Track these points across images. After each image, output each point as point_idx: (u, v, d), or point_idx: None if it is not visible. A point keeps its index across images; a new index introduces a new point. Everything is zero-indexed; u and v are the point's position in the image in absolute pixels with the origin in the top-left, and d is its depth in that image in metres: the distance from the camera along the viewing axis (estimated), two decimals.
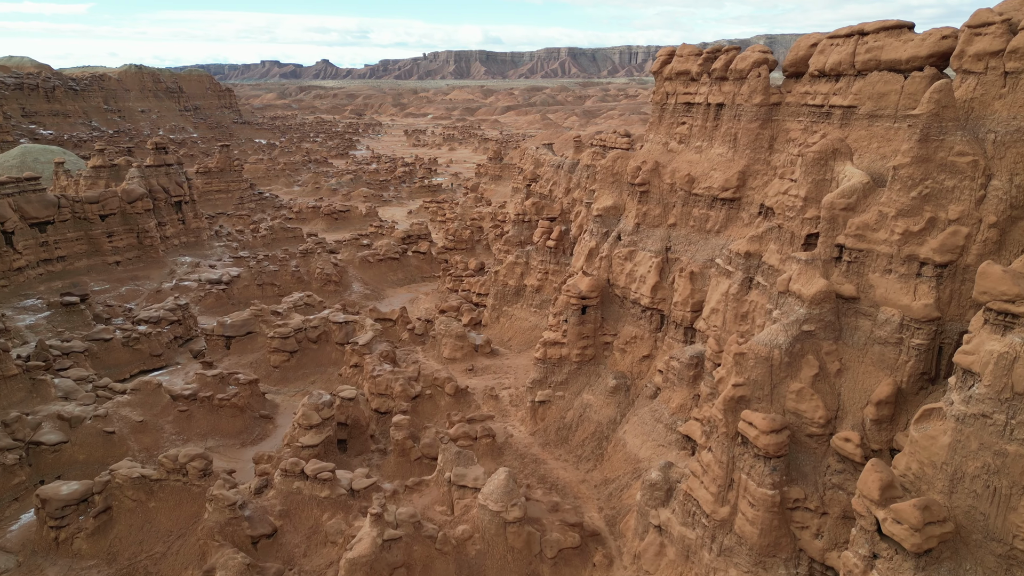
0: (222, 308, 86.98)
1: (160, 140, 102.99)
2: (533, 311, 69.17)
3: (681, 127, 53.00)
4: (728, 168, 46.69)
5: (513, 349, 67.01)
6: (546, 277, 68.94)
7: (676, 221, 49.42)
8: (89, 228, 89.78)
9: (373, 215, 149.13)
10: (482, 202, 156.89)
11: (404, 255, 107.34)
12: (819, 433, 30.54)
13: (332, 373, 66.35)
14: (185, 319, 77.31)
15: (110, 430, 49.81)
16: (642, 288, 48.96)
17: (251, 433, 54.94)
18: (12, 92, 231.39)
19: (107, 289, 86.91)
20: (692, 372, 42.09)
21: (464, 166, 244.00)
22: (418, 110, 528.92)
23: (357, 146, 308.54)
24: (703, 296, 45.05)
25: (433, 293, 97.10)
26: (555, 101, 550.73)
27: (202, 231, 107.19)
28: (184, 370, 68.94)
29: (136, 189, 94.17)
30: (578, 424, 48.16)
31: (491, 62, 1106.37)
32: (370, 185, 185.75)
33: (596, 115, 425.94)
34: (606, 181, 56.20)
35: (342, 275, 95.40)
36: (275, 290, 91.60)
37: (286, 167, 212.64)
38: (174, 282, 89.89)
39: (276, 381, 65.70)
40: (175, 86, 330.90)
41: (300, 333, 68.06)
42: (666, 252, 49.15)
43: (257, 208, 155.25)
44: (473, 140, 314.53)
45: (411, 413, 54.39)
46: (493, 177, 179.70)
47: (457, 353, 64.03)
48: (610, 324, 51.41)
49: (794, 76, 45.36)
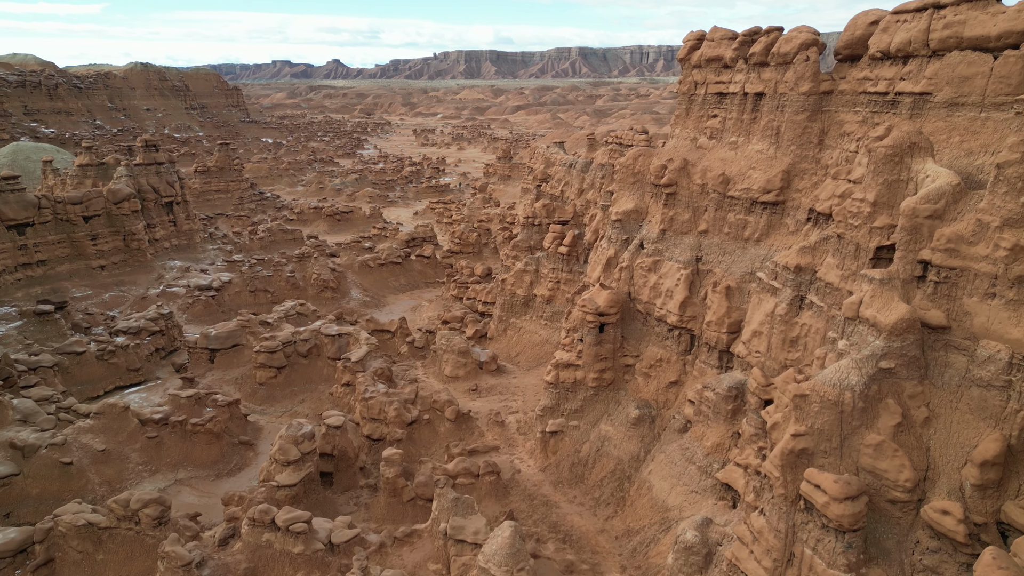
0: (211, 316, 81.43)
1: (150, 138, 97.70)
2: (543, 324, 63.13)
3: (712, 120, 46.82)
4: (769, 167, 40.50)
5: (521, 366, 61.01)
6: (558, 286, 62.90)
7: (708, 227, 43.24)
8: (72, 230, 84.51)
9: (377, 216, 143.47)
10: (490, 203, 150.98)
11: (407, 259, 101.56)
12: (904, 499, 24.36)
13: (323, 391, 60.59)
14: (169, 329, 71.78)
15: (67, 461, 44.19)
16: (668, 304, 42.83)
17: (228, 463, 49.19)
18: (14, 90, 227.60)
19: (89, 296, 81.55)
20: (730, 406, 35.94)
21: (473, 166, 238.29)
22: (428, 109, 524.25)
23: (365, 145, 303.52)
24: (742, 315, 38.88)
25: (437, 300, 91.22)
26: (566, 100, 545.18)
27: (195, 233, 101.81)
28: (164, 386, 63.35)
29: (123, 189, 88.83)
30: (595, 460, 42.07)
31: (502, 62, 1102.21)
32: (376, 185, 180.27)
33: (607, 114, 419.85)
34: (626, 182, 50.10)
35: (340, 281, 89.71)
36: (269, 297, 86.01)
37: (290, 166, 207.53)
38: (161, 288, 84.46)
39: (261, 400, 59.99)
40: (181, 84, 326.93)
41: (289, 347, 62.33)
42: (696, 263, 42.98)
43: (257, 209, 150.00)
44: (482, 139, 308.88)
45: (407, 441, 48.52)
46: (502, 177, 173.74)
47: (460, 371, 58.11)
48: (631, 344, 45.28)
49: (849, 60, 39.12)
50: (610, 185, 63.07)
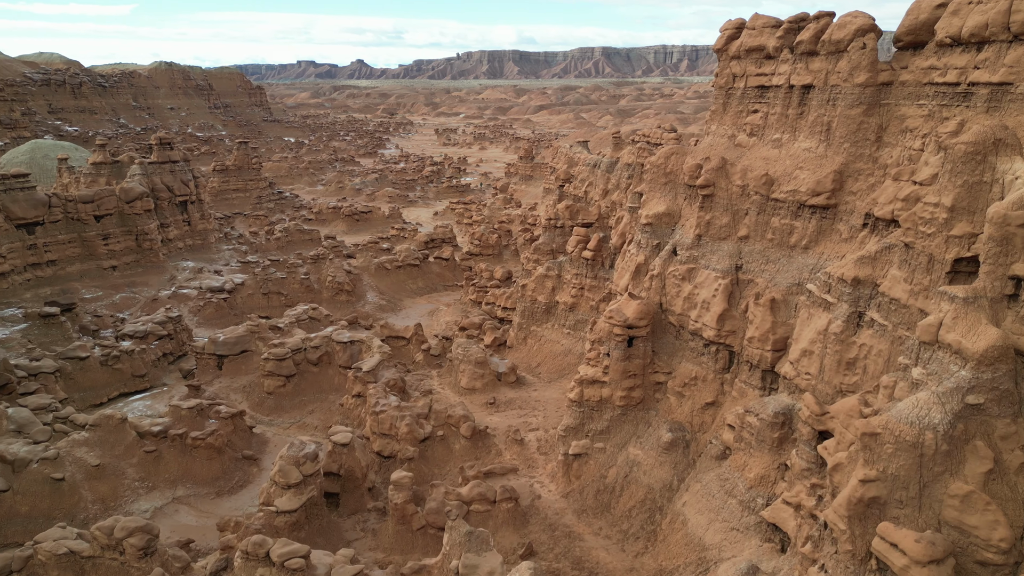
0: (223, 319, 78.99)
1: (165, 135, 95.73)
2: (566, 333, 59.58)
3: (753, 116, 42.96)
4: (819, 166, 36.61)
5: (542, 378, 57.51)
6: (581, 293, 59.30)
7: (749, 233, 39.43)
8: (83, 230, 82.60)
9: (396, 216, 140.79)
10: (511, 203, 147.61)
11: (425, 261, 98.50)
12: (998, 562, 20.51)
13: (334, 401, 57.61)
14: (177, 333, 69.34)
15: (59, 476, 41.55)
16: (705, 317, 39.09)
17: (230, 479, 46.31)
18: (39, 88, 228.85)
19: (99, 297, 79.49)
20: (776, 433, 32.14)
21: (494, 166, 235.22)
22: (450, 109, 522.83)
23: (386, 145, 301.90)
24: (788, 332, 35.04)
25: (455, 304, 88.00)
26: (589, 100, 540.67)
27: (209, 233, 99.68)
28: (169, 393, 60.80)
29: (135, 188, 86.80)
30: (623, 487, 38.45)
31: (524, 62, 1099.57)
32: (396, 185, 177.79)
33: (631, 114, 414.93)
34: (657, 182, 46.40)
35: (356, 283, 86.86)
36: (282, 300, 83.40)
37: (310, 165, 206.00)
38: (172, 290, 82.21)
39: (269, 410, 57.15)
40: (205, 83, 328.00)
41: (299, 354, 59.45)
42: (736, 272, 39.19)
43: (276, 208, 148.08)
44: (504, 139, 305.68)
45: (419, 459, 45.28)
46: (524, 177, 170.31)
47: (477, 382, 54.77)
48: (663, 360, 41.58)
49: (911, 47, 35.13)
50: (638, 186, 59.34)
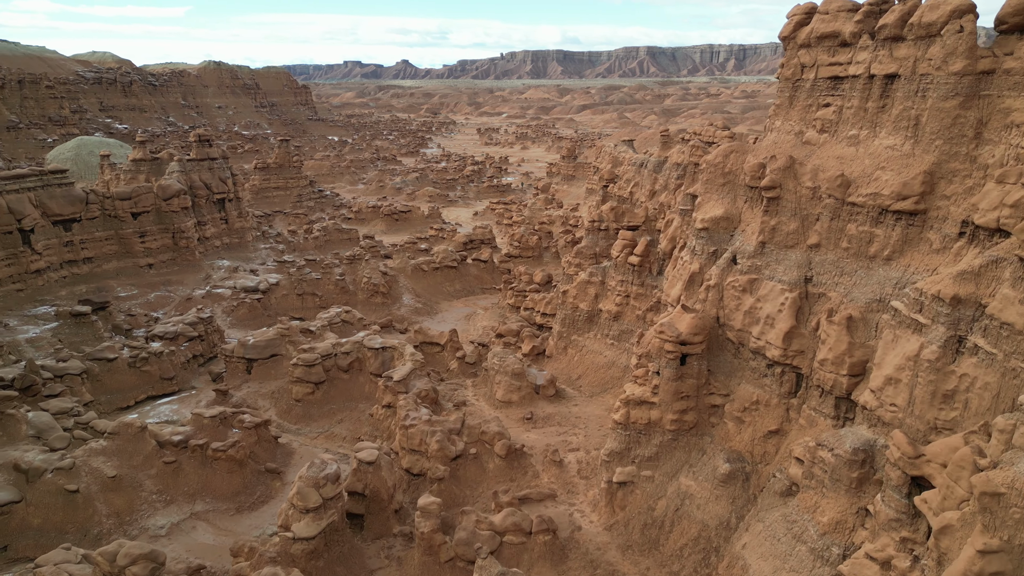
0: (256, 320, 77.27)
1: (204, 132, 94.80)
2: (609, 343, 55.73)
3: (824, 110, 38.58)
4: (905, 166, 32.18)
5: (583, 391, 53.80)
6: (627, 301, 55.39)
7: (820, 241, 35.13)
8: (120, 227, 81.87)
9: (436, 216, 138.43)
10: (552, 204, 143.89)
11: (463, 263, 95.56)
12: None
13: (363, 410, 54.90)
14: (208, 334, 67.64)
15: (73, 488, 39.55)
16: (768, 334, 34.95)
17: (251, 494, 43.82)
18: (91, 86, 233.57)
19: (134, 295, 78.58)
20: (855, 473, 27.93)
21: (536, 165, 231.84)
22: (493, 109, 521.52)
23: (428, 144, 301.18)
24: (868, 355, 30.73)
25: (492, 308, 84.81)
26: (633, 100, 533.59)
27: (246, 231, 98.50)
28: (197, 397, 58.97)
29: (173, 185, 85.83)
30: (673, 522, 34.57)
31: (568, 61, 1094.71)
32: (436, 184, 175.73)
33: (676, 114, 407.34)
34: (714, 183, 42.31)
35: (392, 285, 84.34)
36: (316, 301, 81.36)
37: (352, 164, 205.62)
38: (207, 289, 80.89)
39: (297, 418, 54.73)
40: (252, 83, 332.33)
41: (329, 360, 56.92)
42: (805, 284, 34.94)
43: (316, 207, 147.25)
44: (547, 139, 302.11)
45: (450, 479, 42.09)
46: (566, 177, 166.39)
47: (513, 395, 51.36)
48: (720, 380, 37.53)
49: (1018, 31, 30.46)
50: (691, 186, 55.19)
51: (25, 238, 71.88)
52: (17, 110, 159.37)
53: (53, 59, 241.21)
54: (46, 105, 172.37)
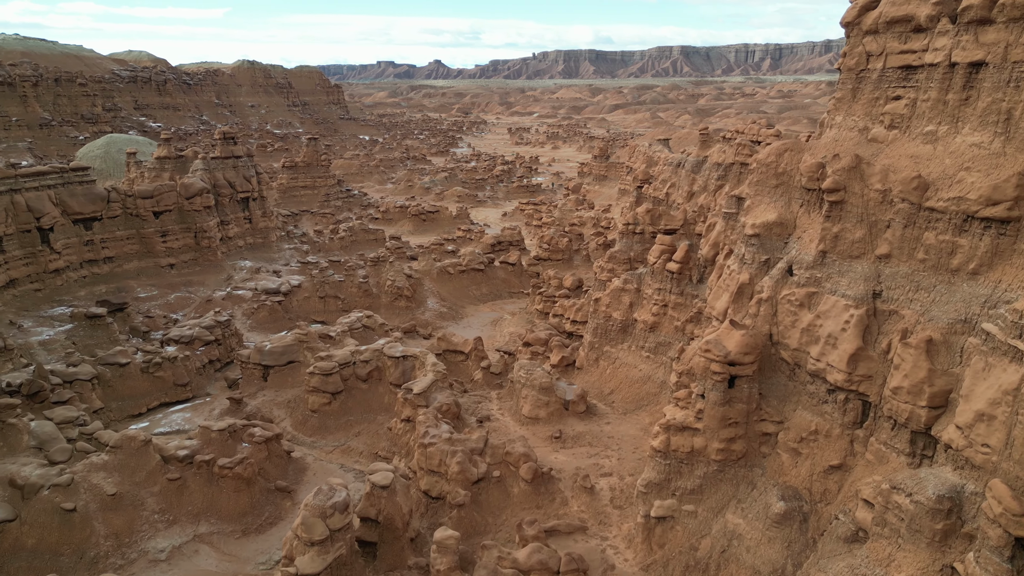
0: (276, 324, 74.91)
1: (228, 130, 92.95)
2: (645, 356, 51.88)
3: (894, 104, 34.37)
4: (996, 167, 27.95)
5: (616, 408, 50.05)
6: (664, 311, 51.49)
7: (891, 251, 31.00)
8: (141, 226, 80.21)
9: (464, 217, 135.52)
10: (583, 205, 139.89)
11: (490, 266, 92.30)
12: None
13: (382, 423, 51.88)
14: (226, 338, 65.31)
15: (69, 507, 37.08)
16: (830, 355, 30.93)
17: (259, 514, 40.98)
18: (126, 85, 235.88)
19: (154, 296, 76.76)
20: (940, 524, 23.87)
21: (567, 165, 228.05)
22: (524, 109, 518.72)
23: (459, 144, 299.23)
24: (952, 384, 26.60)
25: (520, 314, 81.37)
26: (666, 99, 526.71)
27: (271, 231, 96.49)
28: (212, 405, 56.54)
29: (196, 183, 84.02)
30: (719, 565, 30.74)
31: (600, 61, 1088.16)
32: (465, 184, 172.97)
33: (710, 113, 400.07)
34: (766, 185, 38.31)
35: (416, 288, 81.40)
36: (339, 304, 78.78)
37: (381, 164, 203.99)
38: (227, 290, 78.81)
39: (312, 430, 51.92)
40: (285, 82, 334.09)
41: (347, 369, 54.03)
42: (873, 300, 30.85)
43: (344, 206, 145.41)
44: (578, 138, 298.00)
45: (471, 505, 38.76)
46: (598, 177, 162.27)
47: (540, 411, 47.83)
48: (772, 405, 33.57)
49: None
50: (736, 188, 51.14)
51: (44, 237, 70.40)
52: (50, 108, 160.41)
53: (90, 58, 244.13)
54: (79, 103, 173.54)
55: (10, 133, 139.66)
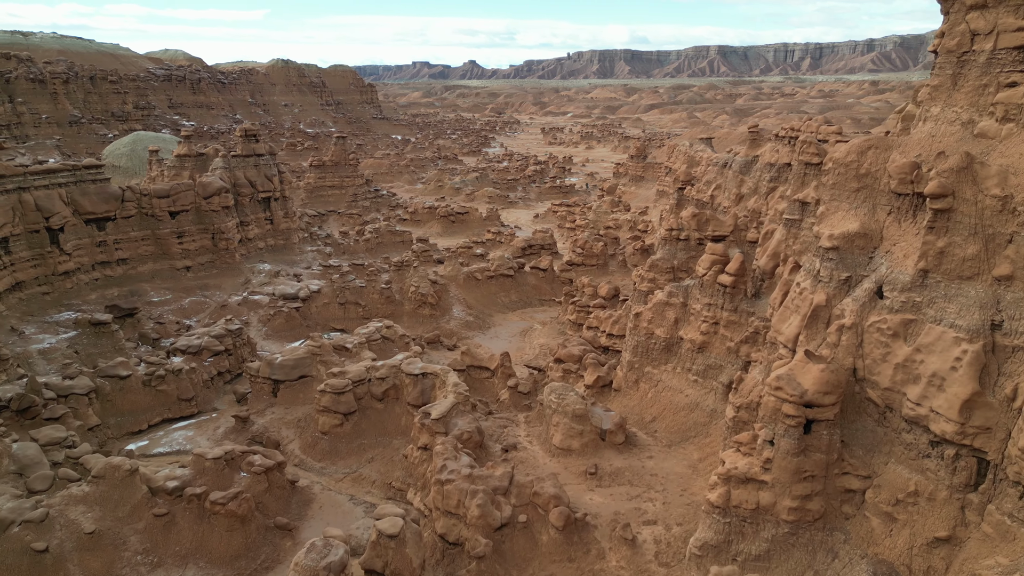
0: (293, 332, 70.78)
1: (250, 127, 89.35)
2: (692, 380, 46.15)
3: (1008, 92, 28.29)
4: None
5: (659, 438, 44.42)
6: (715, 330, 45.72)
7: (1015, 272, 25.02)
8: (157, 227, 76.83)
9: (494, 218, 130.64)
10: (619, 207, 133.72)
11: (520, 271, 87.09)
12: None
13: (399, 447, 47.08)
14: (237, 348, 61.23)
15: (41, 547, 32.86)
16: (936, 399, 25.07)
17: (254, 557, 36.37)
18: (161, 83, 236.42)
19: (167, 300, 73.28)
20: None
21: (601, 166, 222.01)
22: (558, 108, 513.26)
23: (491, 143, 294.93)
24: None
25: (551, 324, 76.06)
26: (703, 99, 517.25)
27: (292, 233, 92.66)
28: (218, 422, 52.34)
29: (214, 182, 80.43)
30: None
31: (636, 61, 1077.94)
32: (496, 184, 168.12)
33: (748, 113, 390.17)
34: (844, 189, 32.45)
35: (441, 295, 76.59)
36: (359, 311, 74.38)
37: (412, 163, 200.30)
38: (244, 295, 74.98)
39: (322, 454, 47.33)
40: (319, 81, 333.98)
41: (361, 386, 49.35)
42: (992, 333, 24.91)
43: (372, 207, 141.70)
44: (613, 138, 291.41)
45: (493, 556, 33.61)
46: (634, 178, 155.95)
47: (573, 441, 42.46)
48: (858, 456, 27.76)
49: None
50: (798, 190, 45.15)
51: (54, 237, 67.27)
52: (81, 105, 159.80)
53: (126, 56, 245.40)
54: (109, 100, 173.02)
55: (40, 130, 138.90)
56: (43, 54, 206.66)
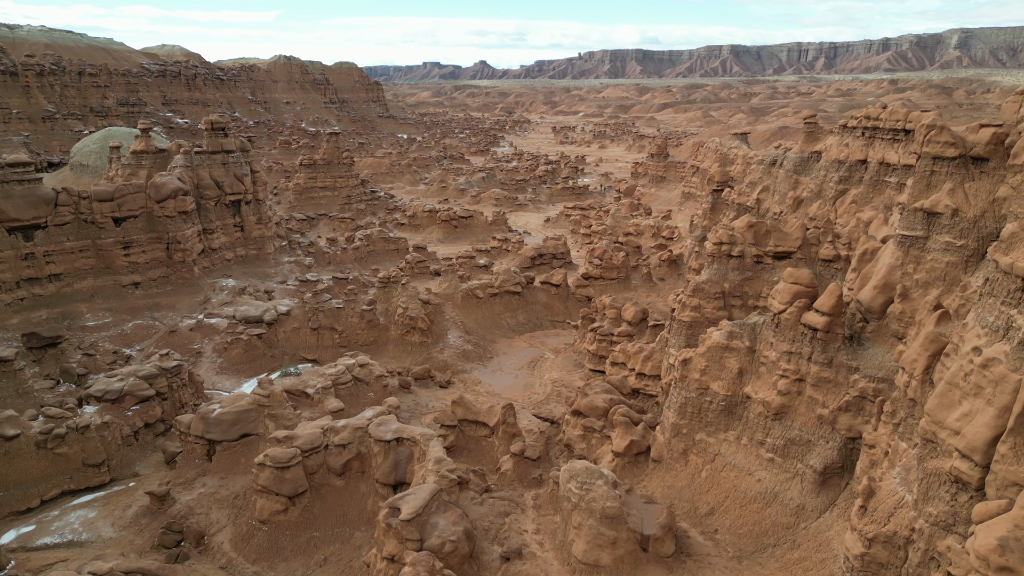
0: (255, 364, 58.69)
1: (218, 120, 77.24)
2: (767, 458, 33.41)
3: None
4: None
5: (723, 544, 31.72)
6: (799, 389, 32.97)
7: None
8: (98, 236, 64.85)
9: (501, 222, 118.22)
10: (639, 211, 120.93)
11: (529, 287, 74.59)
12: None
13: (362, 543, 34.71)
14: (176, 390, 49.04)
15: None
16: None
17: None
18: (154, 79, 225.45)
19: (106, 325, 61.26)
20: None
21: (616, 165, 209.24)
22: (569, 108, 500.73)
23: (500, 143, 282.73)
24: None
25: (566, 352, 63.56)
26: (717, 98, 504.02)
27: (267, 241, 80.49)
28: (128, 499, 39.96)
29: (169, 183, 68.37)
30: None
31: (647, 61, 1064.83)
32: (504, 186, 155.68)
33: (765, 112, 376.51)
34: None
35: (434, 318, 64.19)
36: (336, 338, 62.10)
37: (414, 163, 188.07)
38: (199, 317, 62.86)
39: (258, 553, 34.94)
40: (322, 78, 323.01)
41: (315, 456, 37.00)
42: None
43: (367, 209, 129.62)
44: (627, 137, 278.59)
45: None
46: (654, 179, 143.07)
47: (603, 553, 29.85)
48: None
49: None
50: (924, 195, 32.27)
51: None
52: (56, 100, 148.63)
53: (118, 51, 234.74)
54: (88, 95, 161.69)
55: (8, 126, 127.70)
56: (29, 47, 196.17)
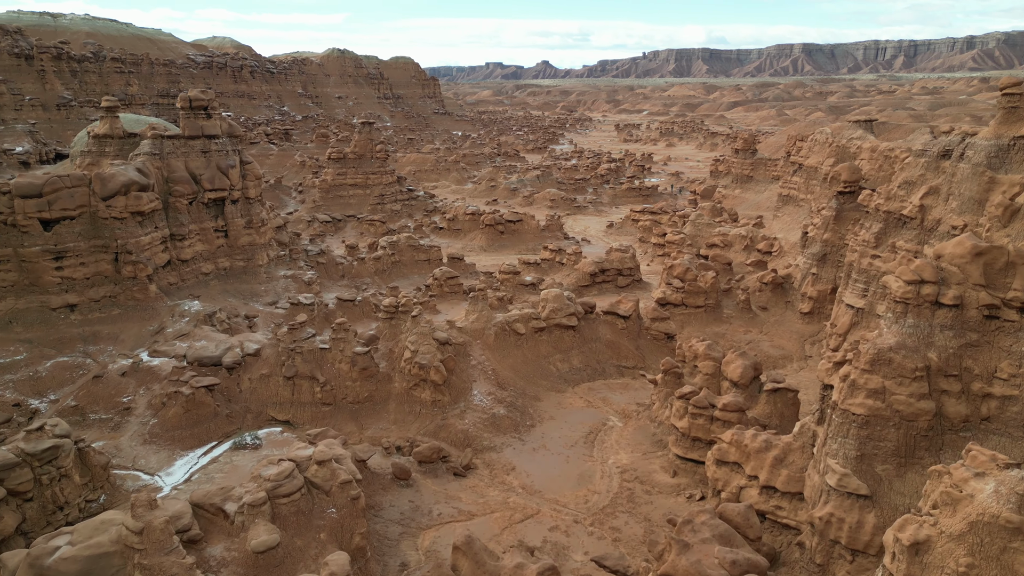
0: (199, 429, 41.94)
1: (198, 96, 61.28)
2: None
3: None
4: None
5: None
6: None
7: None
8: (21, 242, 49.47)
9: (555, 228, 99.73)
10: (723, 217, 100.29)
11: (587, 318, 55.94)
12: None
13: None
14: (46, 485, 32.47)
15: None
16: None
17: None
18: (200, 71, 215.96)
19: (17, 364, 45.58)
20: None
21: (686, 164, 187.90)
22: (633, 106, 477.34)
23: (560, 140, 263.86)
24: None
25: (638, 417, 44.70)
26: (790, 97, 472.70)
27: (258, 250, 64.08)
28: None
29: (120, 175, 52.57)
30: None
31: (714, 60, 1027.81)
32: (561, 185, 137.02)
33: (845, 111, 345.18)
34: None
35: (455, 365, 46.21)
36: (317, 392, 44.77)
37: (463, 159, 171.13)
38: (140, 356, 46.61)
39: None
40: (376, 72, 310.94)
41: None
42: None
43: (403, 211, 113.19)
44: (697, 135, 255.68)
45: None
46: (738, 178, 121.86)
47: None
48: None
49: None
50: None
51: None
52: (74, 86, 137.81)
53: (164, 41, 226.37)
54: (111, 82, 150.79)
55: (20, 113, 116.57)
56: (71, 36, 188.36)
